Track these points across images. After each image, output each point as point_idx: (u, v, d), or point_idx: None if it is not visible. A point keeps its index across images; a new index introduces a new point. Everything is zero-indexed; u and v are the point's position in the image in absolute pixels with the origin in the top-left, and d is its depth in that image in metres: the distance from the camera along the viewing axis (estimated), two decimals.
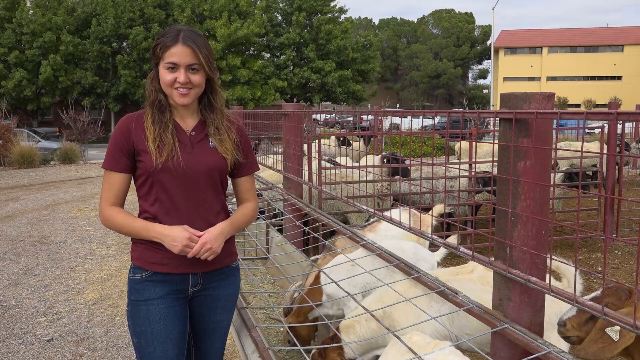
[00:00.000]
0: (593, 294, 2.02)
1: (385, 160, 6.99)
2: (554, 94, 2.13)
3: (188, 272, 2.05)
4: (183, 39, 1.96)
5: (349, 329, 2.92)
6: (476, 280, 2.83)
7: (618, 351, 1.79)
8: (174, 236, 1.93)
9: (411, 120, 10.04)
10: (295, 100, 34.42)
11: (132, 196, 2.07)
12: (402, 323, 2.76)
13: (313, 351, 3.02)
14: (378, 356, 2.86)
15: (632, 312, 1.75)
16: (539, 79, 55.58)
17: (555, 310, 2.57)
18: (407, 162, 7.08)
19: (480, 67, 67.22)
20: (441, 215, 5.21)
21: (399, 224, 3.12)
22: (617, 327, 1.80)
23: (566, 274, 2.82)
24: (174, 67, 1.96)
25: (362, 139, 11.72)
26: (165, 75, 1.97)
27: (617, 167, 8.13)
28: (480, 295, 2.61)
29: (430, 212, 4.55)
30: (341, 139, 10.35)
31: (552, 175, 2.59)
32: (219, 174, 2.08)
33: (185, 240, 1.92)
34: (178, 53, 1.95)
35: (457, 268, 3.03)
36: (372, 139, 12.30)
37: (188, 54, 1.96)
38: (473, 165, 6.81)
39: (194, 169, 2.01)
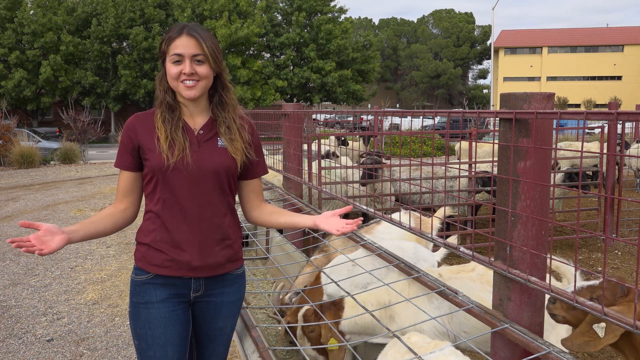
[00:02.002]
0: (590, 282, 2.03)
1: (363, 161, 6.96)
2: (554, 94, 2.13)
3: (190, 276, 2.02)
4: (187, 30, 1.97)
5: (354, 307, 2.88)
6: (476, 279, 2.84)
7: (600, 347, 1.84)
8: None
9: (411, 120, 10.04)
10: (295, 100, 34.41)
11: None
12: (401, 316, 2.77)
13: (308, 308, 2.96)
14: (374, 348, 2.86)
15: (624, 310, 1.79)
16: (539, 79, 55.59)
17: None
18: (387, 161, 7.08)
19: (480, 67, 67.26)
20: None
21: (398, 224, 3.12)
22: (603, 324, 1.84)
23: (566, 273, 2.83)
24: (179, 59, 1.95)
25: (361, 139, 11.71)
26: (171, 69, 1.97)
27: (617, 167, 8.13)
28: (478, 294, 2.62)
29: (432, 215, 4.55)
30: (342, 138, 10.35)
31: (552, 175, 2.59)
32: (226, 174, 2.03)
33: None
34: (182, 44, 1.95)
35: (459, 266, 3.04)
36: (371, 138, 12.29)
37: (192, 45, 1.95)
38: (473, 165, 6.81)
39: (200, 168, 1.98)
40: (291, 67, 34.18)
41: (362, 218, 2.15)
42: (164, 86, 2.03)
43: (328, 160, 7.83)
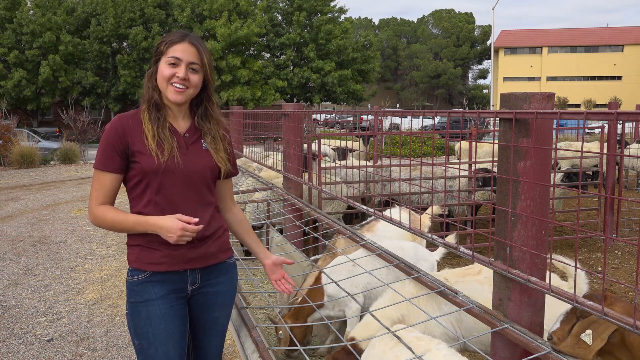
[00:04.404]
0: (560, 318, 2.05)
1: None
2: (554, 94, 2.13)
3: (186, 268, 2.06)
4: (189, 39, 2.03)
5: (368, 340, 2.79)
6: (484, 282, 2.83)
7: (592, 354, 1.85)
8: (168, 227, 1.92)
9: (411, 120, 10.06)
10: (295, 100, 34.40)
11: (120, 198, 2.06)
12: (414, 324, 2.74)
13: None
14: None
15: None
16: (539, 79, 55.57)
17: (562, 310, 2.57)
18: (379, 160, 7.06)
19: (480, 67, 67.24)
20: (439, 216, 5.21)
21: (398, 224, 3.12)
22: (590, 331, 1.86)
23: (572, 274, 2.83)
24: (175, 63, 1.99)
25: (360, 139, 11.71)
26: (165, 70, 2.00)
27: (617, 167, 8.13)
28: (488, 297, 2.60)
29: (426, 213, 4.54)
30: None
31: (552, 175, 2.59)
32: (211, 173, 2.11)
33: (179, 231, 1.91)
34: (182, 49, 2.00)
35: (464, 269, 3.02)
36: (371, 138, 12.29)
37: (192, 53, 2.01)
38: (473, 165, 6.82)
39: (191, 169, 2.03)
40: (291, 67, 34.15)
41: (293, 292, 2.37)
42: (152, 84, 2.06)
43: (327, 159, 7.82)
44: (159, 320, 2.02)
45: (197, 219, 1.96)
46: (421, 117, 2.82)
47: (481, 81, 67.45)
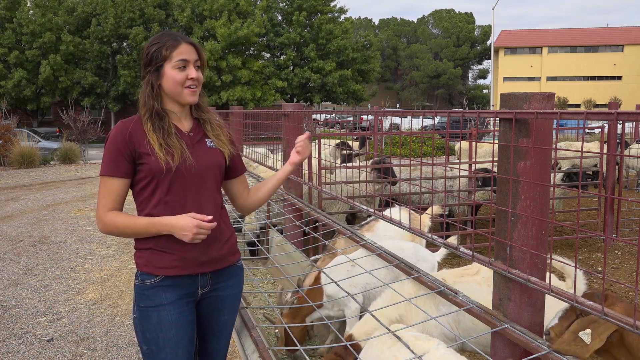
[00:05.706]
0: (557, 318, 2.05)
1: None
2: (554, 94, 2.13)
3: (197, 272, 2.05)
4: (184, 38, 2.04)
5: (366, 335, 2.81)
6: (482, 282, 2.82)
7: (589, 354, 1.84)
8: (182, 225, 1.91)
9: (411, 120, 10.07)
10: (295, 100, 34.39)
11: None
12: (413, 323, 2.74)
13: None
14: None
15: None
16: (539, 79, 55.57)
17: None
18: (397, 162, 7.06)
19: (480, 67, 67.22)
20: (439, 216, 5.21)
21: (398, 224, 3.12)
22: (589, 331, 1.85)
23: (571, 274, 2.83)
24: (184, 65, 2.00)
25: (358, 140, 11.67)
26: (176, 75, 2.00)
27: (617, 167, 8.13)
28: (486, 297, 2.61)
29: (427, 212, 4.53)
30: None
31: (552, 175, 2.59)
32: (219, 171, 2.12)
33: (195, 228, 1.90)
34: (185, 50, 2.01)
35: (462, 269, 3.02)
36: (367, 139, 12.25)
37: (193, 51, 2.04)
38: (473, 165, 6.82)
39: (199, 167, 2.03)
40: (291, 67, 34.14)
41: (308, 134, 2.31)
42: (155, 92, 2.03)
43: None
44: (170, 326, 2.01)
45: (210, 217, 1.94)
46: (421, 117, 2.82)
47: (481, 81, 67.48)
